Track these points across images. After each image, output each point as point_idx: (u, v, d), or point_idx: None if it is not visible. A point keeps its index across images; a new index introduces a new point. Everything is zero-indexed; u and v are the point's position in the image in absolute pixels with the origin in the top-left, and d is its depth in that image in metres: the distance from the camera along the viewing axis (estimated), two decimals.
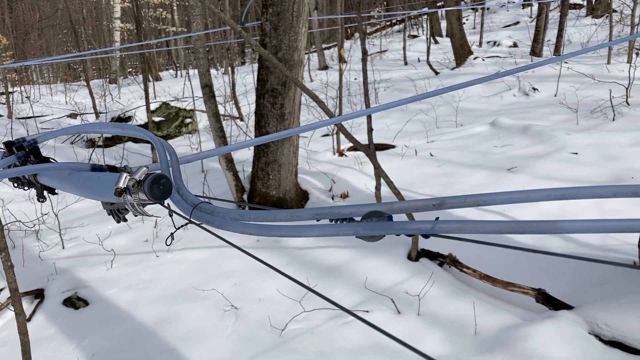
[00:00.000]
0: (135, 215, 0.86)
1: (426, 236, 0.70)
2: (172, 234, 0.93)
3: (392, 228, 0.67)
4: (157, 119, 9.54)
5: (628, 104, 6.83)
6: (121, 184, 0.80)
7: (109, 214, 0.96)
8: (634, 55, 9.19)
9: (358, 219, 0.73)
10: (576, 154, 5.43)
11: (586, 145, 5.61)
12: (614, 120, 6.35)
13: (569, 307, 3.08)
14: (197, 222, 0.82)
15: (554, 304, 3.14)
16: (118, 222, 0.95)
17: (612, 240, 3.73)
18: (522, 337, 2.87)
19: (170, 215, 0.89)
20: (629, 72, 7.41)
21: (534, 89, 8.74)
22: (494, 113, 7.92)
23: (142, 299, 3.86)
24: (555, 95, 8.28)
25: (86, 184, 0.92)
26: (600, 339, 2.81)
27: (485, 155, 5.97)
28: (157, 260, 4.41)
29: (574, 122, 6.64)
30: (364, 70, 4.04)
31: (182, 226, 0.86)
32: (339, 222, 0.74)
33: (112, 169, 1.00)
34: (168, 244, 1.11)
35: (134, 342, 3.39)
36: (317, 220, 0.76)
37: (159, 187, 0.80)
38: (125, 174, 0.81)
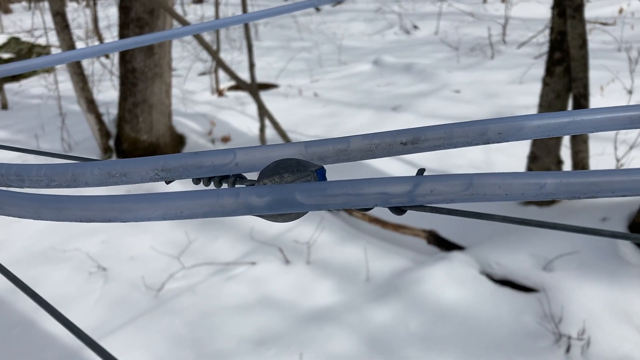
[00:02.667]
0: None
1: (401, 210, 0.36)
2: None
3: (330, 195, 0.31)
4: (5, 55, 8.33)
5: (505, 42, 6.97)
6: None
7: None
8: None
9: (253, 175, 0.38)
10: (458, 91, 5.43)
11: (468, 82, 5.63)
12: (492, 58, 6.45)
13: (460, 248, 3.02)
14: None
15: (445, 245, 3.07)
16: None
17: None
18: (415, 281, 2.77)
19: None
20: (505, 11, 7.56)
21: (415, 26, 8.70)
22: (376, 51, 7.79)
23: None
24: (436, 34, 8.30)
25: None
26: (492, 278, 2.78)
27: (369, 95, 5.83)
28: (8, 218, 3.79)
29: (455, 60, 6.67)
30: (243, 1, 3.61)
31: None
32: (211, 184, 0.41)
33: None
34: None
35: None
36: (167, 183, 0.42)
37: None
38: None
